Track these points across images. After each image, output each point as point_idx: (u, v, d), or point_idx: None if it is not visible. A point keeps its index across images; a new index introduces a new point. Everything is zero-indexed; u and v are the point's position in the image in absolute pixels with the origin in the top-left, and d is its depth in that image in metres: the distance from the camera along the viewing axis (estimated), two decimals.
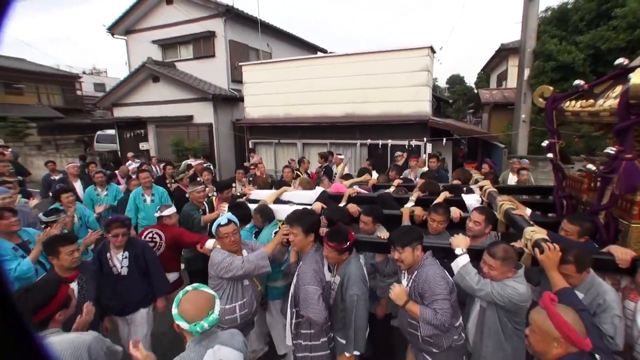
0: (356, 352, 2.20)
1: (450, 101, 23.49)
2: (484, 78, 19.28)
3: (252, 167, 6.72)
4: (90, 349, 1.62)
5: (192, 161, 7.82)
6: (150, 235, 3.23)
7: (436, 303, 1.96)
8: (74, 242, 2.37)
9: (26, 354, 0.61)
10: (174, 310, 1.57)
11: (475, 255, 2.10)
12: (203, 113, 11.70)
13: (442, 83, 33.80)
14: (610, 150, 2.01)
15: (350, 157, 9.72)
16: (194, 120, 11.94)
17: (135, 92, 12.55)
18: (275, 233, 2.79)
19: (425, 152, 8.92)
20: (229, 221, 2.45)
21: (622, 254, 1.95)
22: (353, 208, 2.93)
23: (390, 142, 9.06)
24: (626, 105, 1.89)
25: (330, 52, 15.68)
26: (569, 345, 1.29)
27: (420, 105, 8.84)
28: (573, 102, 2.58)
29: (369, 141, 9.39)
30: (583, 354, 1.29)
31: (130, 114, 12.59)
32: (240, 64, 11.02)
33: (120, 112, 13.09)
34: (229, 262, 2.34)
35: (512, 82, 12.34)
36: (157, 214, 3.33)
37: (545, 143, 2.80)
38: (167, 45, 12.85)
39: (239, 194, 3.89)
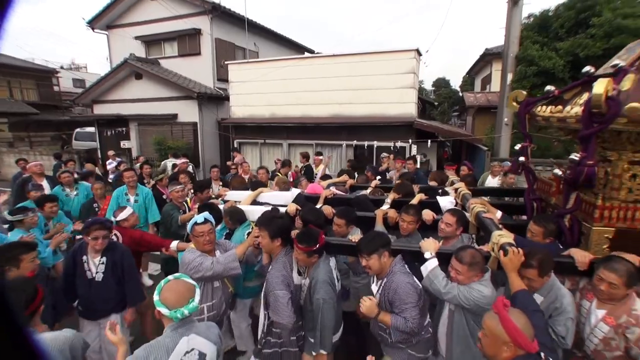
0: (323, 352, 2.23)
1: (436, 104, 23.88)
2: (469, 82, 19.68)
3: (232, 166, 6.67)
4: (71, 345, 1.67)
5: (171, 161, 7.69)
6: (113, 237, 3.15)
7: (406, 312, 2.02)
8: (35, 249, 2.35)
9: (20, 351, 0.63)
10: (155, 297, 1.63)
11: (446, 258, 2.14)
12: (187, 112, 11.57)
13: (428, 86, 34.24)
14: (574, 156, 2.10)
15: (332, 157, 9.77)
16: (178, 119, 11.79)
17: (116, 89, 12.30)
18: (249, 234, 2.79)
19: (410, 154, 9.06)
20: (206, 220, 2.46)
21: (581, 257, 2.03)
22: (328, 210, 2.95)
23: (376, 143, 9.14)
24: (589, 113, 1.97)
25: (317, 53, 15.74)
26: (518, 348, 1.35)
27: (406, 107, 8.96)
28: (544, 107, 2.67)
29: (354, 142, 9.46)
30: (530, 355, 1.35)
31: (111, 111, 12.32)
32: (226, 62, 10.97)
33: (100, 110, 12.80)
34: (198, 263, 2.32)
35: (495, 86, 12.62)
36: (112, 218, 3.22)
37: (518, 146, 2.88)
38: (150, 41, 12.65)
39: (214, 195, 3.86)
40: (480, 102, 12.88)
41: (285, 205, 3.07)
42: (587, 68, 2.41)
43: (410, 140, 8.88)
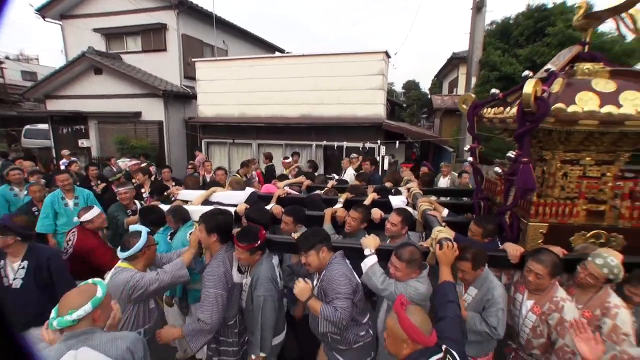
0: (262, 354, 2.21)
1: (404, 105, 24.49)
2: (437, 84, 20.35)
3: (189, 166, 6.53)
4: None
5: (123, 161, 7.40)
6: (69, 236, 3.04)
7: (337, 301, 2.01)
8: None
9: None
10: None
11: (386, 255, 2.18)
12: (152, 110, 11.20)
13: (398, 87, 35.08)
14: (511, 154, 2.23)
15: (302, 158, 9.81)
16: (142, 117, 11.39)
17: (73, 83, 11.64)
18: (191, 234, 2.71)
19: (379, 155, 9.23)
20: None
21: (513, 250, 2.16)
22: (277, 209, 2.95)
23: (345, 144, 9.26)
24: (522, 112, 2.10)
25: (287, 52, 15.73)
26: (416, 344, 1.42)
27: (375, 108, 9.13)
28: (489, 109, 2.82)
29: (324, 142, 9.55)
30: (427, 348, 1.42)
31: (67, 107, 11.64)
32: (193, 60, 10.73)
33: (55, 105, 12.03)
34: (138, 278, 2.12)
35: (462, 89, 13.12)
36: (75, 219, 3.07)
37: (466, 147, 3.01)
38: (112, 35, 12.12)
39: (165, 193, 3.77)
40: (447, 104, 13.34)
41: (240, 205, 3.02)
42: (526, 72, 2.57)
43: (379, 141, 9.06)
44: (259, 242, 2.22)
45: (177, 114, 11.71)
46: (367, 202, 3.13)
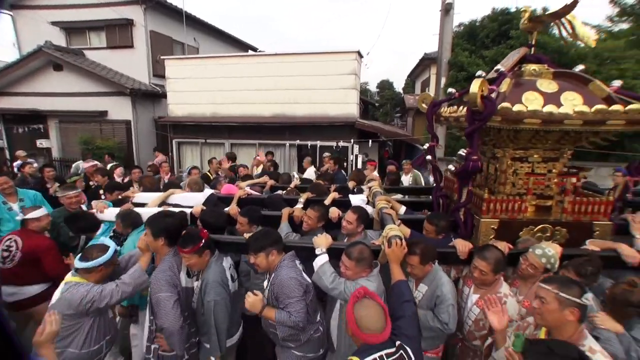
0: (219, 354, 2.21)
1: (377, 105, 24.88)
2: (410, 84, 20.76)
3: (148, 168, 6.32)
4: None
5: (80, 163, 7.08)
6: (7, 242, 2.83)
7: (290, 306, 2.04)
8: None
9: None
10: None
11: (338, 254, 2.19)
12: (119, 109, 10.82)
13: (373, 87, 35.60)
14: (462, 152, 2.31)
15: (275, 157, 9.78)
16: (109, 116, 10.98)
17: (29, 80, 10.95)
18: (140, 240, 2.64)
19: (352, 153, 9.34)
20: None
21: (461, 247, 2.24)
22: (234, 210, 2.92)
23: (319, 143, 9.30)
24: (471, 111, 2.18)
25: (260, 51, 15.59)
26: (354, 335, 1.49)
27: (348, 107, 9.21)
28: (446, 108, 2.90)
29: (297, 142, 9.54)
30: (375, 344, 1.46)
31: (23, 105, 10.94)
32: (162, 57, 10.44)
33: (8, 103, 11.20)
34: (98, 291, 2.05)
35: (433, 89, 13.44)
36: (18, 217, 2.89)
37: (425, 146, 3.09)
38: (72, 29, 11.54)
39: (120, 197, 3.62)
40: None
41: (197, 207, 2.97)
42: (479, 72, 2.66)
43: (352, 140, 9.15)
44: (202, 241, 2.20)
45: (146, 113, 11.36)
46: (327, 201, 3.15)
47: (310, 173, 6.57)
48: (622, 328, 1.81)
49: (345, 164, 9.26)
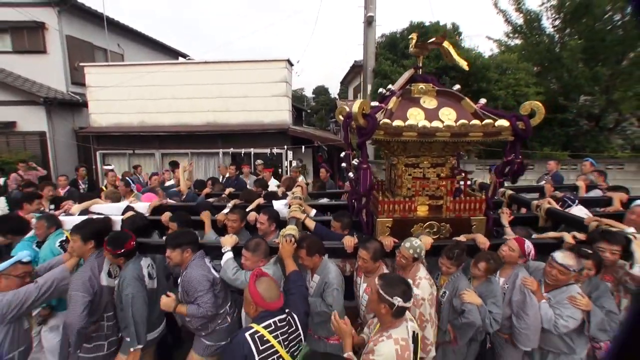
0: (139, 346, 2.38)
1: (309, 110, 25.71)
2: (344, 90, 21.56)
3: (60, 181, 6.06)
4: None
5: None
6: None
7: (198, 299, 2.32)
8: None
9: None
10: None
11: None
12: (31, 119, 9.79)
13: (309, 93, 36.66)
14: (355, 161, 2.56)
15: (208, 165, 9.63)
16: (18, 128, 9.84)
17: None
18: (62, 242, 2.83)
19: (286, 160, 9.47)
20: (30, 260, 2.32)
21: (347, 242, 2.56)
22: (165, 217, 3.16)
23: (252, 150, 9.29)
24: (358, 127, 2.43)
25: (190, 58, 15.08)
26: (259, 306, 1.76)
27: (280, 114, 9.34)
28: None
29: (231, 150, 9.44)
30: (274, 310, 1.77)
31: None
32: (81, 64, 9.63)
33: None
34: (20, 294, 2.12)
35: (363, 95, 14.15)
36: None
37: (342, 154, 3.32)
38: None
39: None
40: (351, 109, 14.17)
41: (117, 215, 3.11)
42: (380, 90, 2.97)
43: (285, 147, 9.29)
44: (123, 250, 2.42)
45: (64, 123, 10.42)
46: (252, 206, 3.42)
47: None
48: (482, 302, 2.21)
49: (280, 170, 9.39)
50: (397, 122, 2.39)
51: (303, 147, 9.28)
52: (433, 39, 2.82)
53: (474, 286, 2.43)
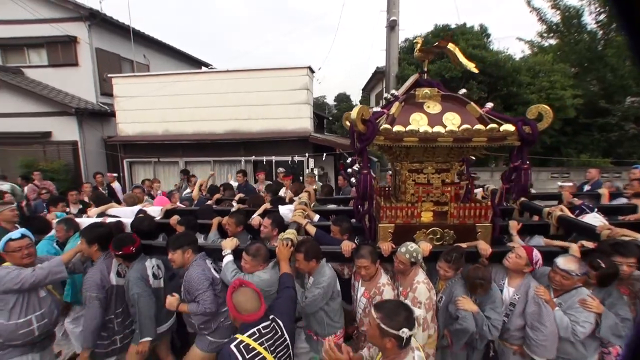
0: (145, 339, 2.65)
1: (330, 118, 26.22)
2: (365, 97, 21.74)
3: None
4: None
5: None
6: None
7: (199, 297, 2.51)
8: None
9: None
10: None
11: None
12: (65, 129, 10.61)
13: (330, 100, 37.35)
14: (356, 167, 2.69)
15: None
16: (53, 137, 10.71)
17: None
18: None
19: (308, 167, 9.68)
20: (23, 235, 2.58)
21: (345, 246, 2.66)
22: (174, 220, 3.40)
23: (274, 158, 9.58)
24: (358, 133, 2.55)
25: (212, 67, 15.80)
26: (236, 319, 1.85)
27: (301, 122, 9.59)
28: None
29: (253, 157, 9.77)
30: (258, 319, 1.84)
31: None
32: (109, 75, 10.41)
33: None
34: (16, 274, 2.43)
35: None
36: None
37: (348, 160, 3.46)
38: (8, 46, 11.28)
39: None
40: None
41: (131, 218, 3.42)
42: (386, 95, 3.09)
43: (307, 154, 9.51)
44: (121, 252, 2.68)
45: (94, 133, 11.19)
46: (259, 211, 3.65)
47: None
48: (478, 308, 2.25)
49: (301, 178, 9.61)
50: (398, 128, 2.50)
51: (324, 154, 9.45)
52: (437, 43, 2.91)
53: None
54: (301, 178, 9.56)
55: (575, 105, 8.98)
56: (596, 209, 3.14)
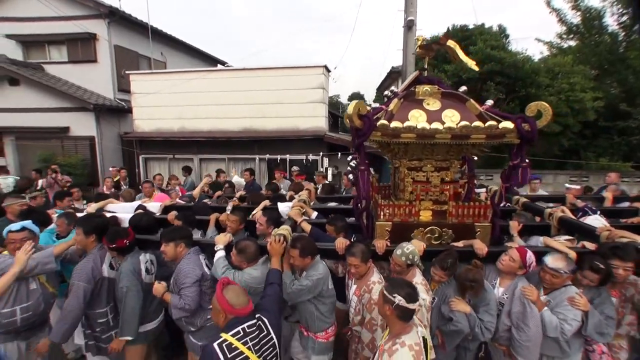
0: (127, 337, 2.64)
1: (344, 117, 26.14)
2: (380, 97, 21.69)
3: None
4: None
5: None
6: None
7: (183, 290, 2.54)
8: None
9: None
10: None
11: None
12: (82, 124, 11.01)
13: (344, 99, 37.60)
14: (353, 163, 2.76)
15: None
16: (71, 133, 11.14)
17: None
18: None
19: (322, 166, 9.76)
20: (23, 228, 2.71)
21: (339, 244, 2.70)
22: (171, 216, 3.51)
23: (288, 156, 9.70)
24: (355, 128, 2.62)
25: (228, 65, 16.12)
26: (228, 313, 1.87)
27: (316, 121, 9.70)
28: None
29: (267, 156, 9.92)
30: (243, 316, 1.88)
31: None
32: (127, 72, 10.79)
33: None
34: (7, 264, 2.55)
35: None
36: None
37: (349, 158, 3.54)
38: (30, 42, 11.79)
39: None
40: None
41: (129, 214, 3.50)
42: (386, 92, 3.17)
43: (321, 153, 9.60)
44: (115, 244, 2.72)
45: (111, 128, 11.58)
46: (258, 208, 3.70)
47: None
48: (470, 309, 2.29)
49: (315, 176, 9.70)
50: (395, 124, 2.54)
51: (339, 153, 9.52)
52: (435, 41, 2.96)
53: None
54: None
55: (595, 108, 8.79)
56: (598, 212, 3.14)
